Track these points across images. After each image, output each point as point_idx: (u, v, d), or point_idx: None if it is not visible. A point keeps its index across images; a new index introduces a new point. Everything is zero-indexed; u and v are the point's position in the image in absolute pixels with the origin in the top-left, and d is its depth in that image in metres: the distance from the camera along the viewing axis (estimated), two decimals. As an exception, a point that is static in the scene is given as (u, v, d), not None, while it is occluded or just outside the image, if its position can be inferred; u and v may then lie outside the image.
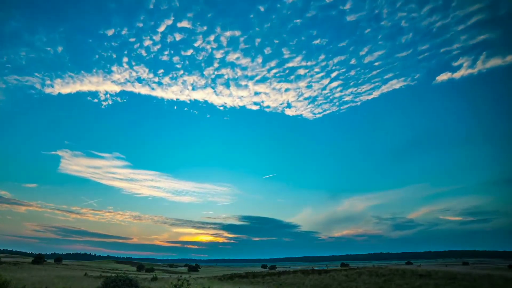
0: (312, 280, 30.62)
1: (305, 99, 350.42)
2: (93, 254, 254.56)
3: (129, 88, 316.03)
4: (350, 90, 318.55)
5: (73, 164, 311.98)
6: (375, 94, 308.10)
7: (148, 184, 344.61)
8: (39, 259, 53.39)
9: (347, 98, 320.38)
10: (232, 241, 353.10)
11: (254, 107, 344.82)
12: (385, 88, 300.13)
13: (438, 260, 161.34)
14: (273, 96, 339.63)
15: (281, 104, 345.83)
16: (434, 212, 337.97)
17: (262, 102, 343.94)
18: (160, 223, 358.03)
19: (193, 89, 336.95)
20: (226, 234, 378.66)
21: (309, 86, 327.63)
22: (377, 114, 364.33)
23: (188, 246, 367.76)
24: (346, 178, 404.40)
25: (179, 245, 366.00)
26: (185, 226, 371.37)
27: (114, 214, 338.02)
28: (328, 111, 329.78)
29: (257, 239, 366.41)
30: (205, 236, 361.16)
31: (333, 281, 29.64)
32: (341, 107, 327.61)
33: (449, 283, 24.90)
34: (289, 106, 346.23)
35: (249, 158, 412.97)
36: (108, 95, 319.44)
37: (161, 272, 60.80)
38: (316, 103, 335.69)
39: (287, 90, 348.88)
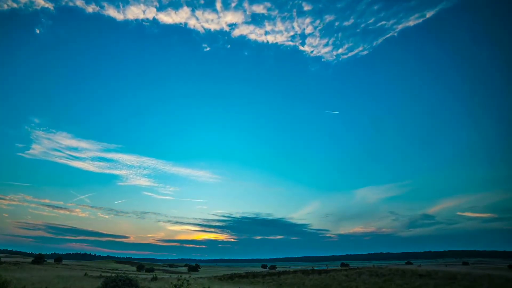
0: (312, 280, 30.62)
1: (325, 28, 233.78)
2: (93, 254, 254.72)
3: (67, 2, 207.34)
4: (394, 8, 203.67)
5: (44, 144, 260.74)
6: (429, 14, 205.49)
7: (136, 172, 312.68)
8: (39, 259, 53.38)
9: (386, 24, 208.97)
10: (232, 239, 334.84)
11: (253, 37, 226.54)
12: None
13: (438, 260, 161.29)
14: (281, 24, 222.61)
15: (292, 37, 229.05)
16: (455, 207, 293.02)
17: (266, 33, 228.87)
18: (156, 221, 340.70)
19: (160, 7, 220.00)
20: (226, 232, 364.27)
21: (330, 5, 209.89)
22: (422, 49, 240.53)
23: (186, 245, 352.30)
24: (364, 160, 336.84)
25: (177, 244, 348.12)
26: (181, 224, 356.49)
27: (107, 211, 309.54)
28: (356, 50, 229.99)
29: (258, 237, 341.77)
30: (203, 235, 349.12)
31: (333, 281, 29.65)
32: (374, 42, 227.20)
33: (449, 283, 24.91)
34: (303, 40, 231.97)
35: (244, 135, 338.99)
36: (41, 18, 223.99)
37: (161, 272, 60.78)
38: (340, 34, 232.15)
39: (301, 14, 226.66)
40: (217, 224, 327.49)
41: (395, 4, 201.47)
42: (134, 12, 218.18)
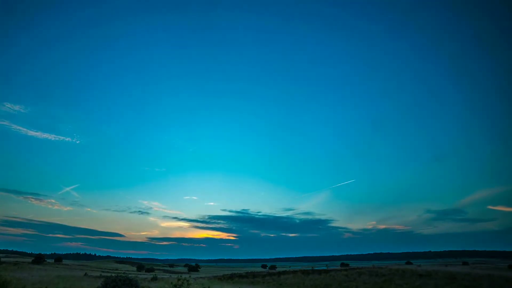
0: (312, 280, 30.62)
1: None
2: (93, 254, 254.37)
3: None
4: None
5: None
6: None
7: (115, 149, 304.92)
8: (39, 259, 53.39)
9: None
10: (231, 237, 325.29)
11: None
12: None
13: (438, 260, 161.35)
14: None
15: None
16: (487, 199, 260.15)
17: None
18: (147, 216, 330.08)
19: None
20: (226, 231, 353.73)
21: None
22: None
23: (184, 244, 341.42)
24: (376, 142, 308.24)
25: (174, 242, 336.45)
26: (178, 221, 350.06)
27: (96, 206, 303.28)
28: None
29: (263, 235, 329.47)
30: (202, 233, 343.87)
31: (333, 281, 29.64)
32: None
33: (449, 283, 24.90)
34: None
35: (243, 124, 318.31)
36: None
37: (161, 272, 60.79)
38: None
39: None
40: (214, 221, 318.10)
41: None
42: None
